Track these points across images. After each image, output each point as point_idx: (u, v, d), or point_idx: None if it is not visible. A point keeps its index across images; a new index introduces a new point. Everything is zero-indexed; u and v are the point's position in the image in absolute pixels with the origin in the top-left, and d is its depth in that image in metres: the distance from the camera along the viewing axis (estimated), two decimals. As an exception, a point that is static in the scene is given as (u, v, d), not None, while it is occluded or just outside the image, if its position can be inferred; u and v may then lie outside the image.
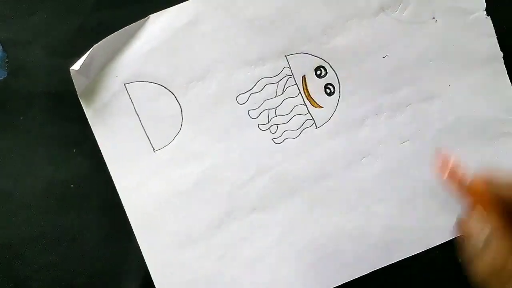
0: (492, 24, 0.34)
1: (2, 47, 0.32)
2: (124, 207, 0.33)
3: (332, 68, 0.34)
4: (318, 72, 0.34)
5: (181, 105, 0.33)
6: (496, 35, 0.34)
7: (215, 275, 0.34)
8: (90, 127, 0.33)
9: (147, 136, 0.33)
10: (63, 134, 0.33)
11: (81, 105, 0.33)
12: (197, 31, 0.33)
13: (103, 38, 0.32)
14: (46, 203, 0.33)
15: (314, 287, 0.34)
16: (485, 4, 0.33)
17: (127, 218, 0.33)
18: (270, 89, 0.34)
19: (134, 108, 0.33)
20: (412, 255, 0.34)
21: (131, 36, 0.33)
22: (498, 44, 0.34)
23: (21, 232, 0.33)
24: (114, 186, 0.33)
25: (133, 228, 0.33)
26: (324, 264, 0.34)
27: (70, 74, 0.32)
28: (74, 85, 0.32)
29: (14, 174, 0.33)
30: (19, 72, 0.33)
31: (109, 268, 0.34)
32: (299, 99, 0.34)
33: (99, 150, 0.33)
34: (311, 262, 0.34)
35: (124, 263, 0.34)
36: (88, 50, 0.32)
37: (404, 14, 0.34)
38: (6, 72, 0.33)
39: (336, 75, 0.34)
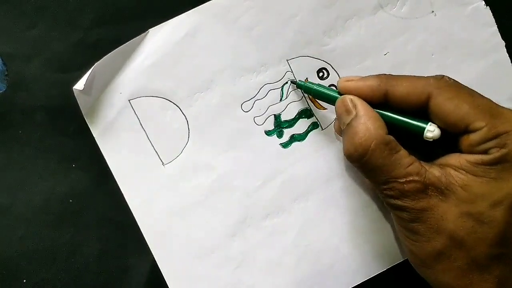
0: (491, 14, 0.33)
1: (2, 60, 0.32)
2: (138, 223, 0.33)
3: (334, 69, 0.34)
4: (320, 74, 0.34)
5: (187, 117, 0.33)
6: (496, 24, 0.34)
7: (234, 283, 0.34)
8: (89, 141, 0.33)
9: (155, 151, 0.33)
10: (62, 148, 0.33)
11: (80, 119, 0.33)
12: (197, 42, 0.33)
13: (102, 53, 0.32)
14: (44, 218, 0.33)
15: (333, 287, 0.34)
16: (483, -6, 0.33)
17: (126, 233, 0.34)
18: (274, 94, 0.34)
19: (140, 123, 0.33)
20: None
21: (132, 51, 0.33)
22: (499, 33, 0.34)
23: (18, 246, 0.33)
24: (113, 201, 0.33)
25: (147, 242, 0.33)
26: (341, 264, 0.34)
27: (69, 88, 0.32)
28: (73, 99, 0.32)
29: (12, 188, 0.33)
30: (18, 86, 0.33)
31: (107, 284, 0.34)
32: (303, 103, 0.34)
33: (98, 165, 0.33)
34: (329, 263, 0.34)
35: (123, 278, 0.34)
36: (88, 65, 0.32)
37: (402, 10, 0.34)
38: (5, 86, 0.33)
39: (339, 75, 0.34)
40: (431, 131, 0.27)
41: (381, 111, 0.28)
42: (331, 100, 0.30)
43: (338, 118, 0.29)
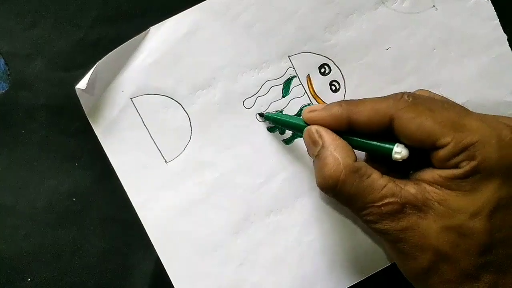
0: (493, 7, 0.33)
1: (4, 60, 0.32)
2: (141, 221, 0.33)
3: (335, 65, 0.34)
4: (322, 70, 0.34)
5: (189, 115, 0.33)
6: (498, 17, 0.33)
7: (238, 280, 0.34)
8: (92, 140, 0.33)
9: (158, 149, 0.33)
10: (65, 147, 0.33)
11: (82, 118, 0.33)
12: (198, 40, 0.33)
13: (104, 52, 0.32)
14: (47, 217, 0.33)
15: (335, 284, 0.34)
16: (484, -13, 0.33)
17: (130, 231, 0.34)
18: (276, 91, 0.34)
19: (143, 121, 0.33)
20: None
21: (133, 50, 0.33)
22: (501, 26, 0.33)
23: (22, 245, 0.33)
24: (116, 199, 0.33)
25: (151, 240, 0.33)
26: (344, 261, 0.34)
27: (71, 87, 0.32)
28: (75, 98, 0.32)
29: (16, 187, 0.33)
30: (20, 85, 0.33)
31: (111, 282, 0.34)
32: (305, 99, 0.34)
33: (101, 163, 0.33)
34: (331, 259, 0.34)
35: (127, 277, 0.34)
36: (89, 64, 0.32)
37: (404, 4, 0.33)
38: (7, 85, 0.33)
39: (340, 71, 0.34)
40: (399, 152, 0.27)
41: (349, 137, 0.28)
42: (299, 130, 0.30)
43: (307, 149, 0.29)
